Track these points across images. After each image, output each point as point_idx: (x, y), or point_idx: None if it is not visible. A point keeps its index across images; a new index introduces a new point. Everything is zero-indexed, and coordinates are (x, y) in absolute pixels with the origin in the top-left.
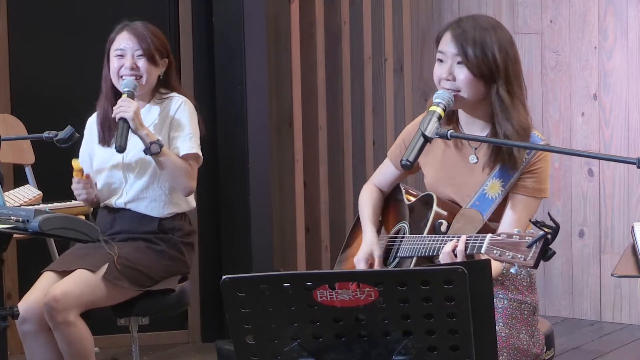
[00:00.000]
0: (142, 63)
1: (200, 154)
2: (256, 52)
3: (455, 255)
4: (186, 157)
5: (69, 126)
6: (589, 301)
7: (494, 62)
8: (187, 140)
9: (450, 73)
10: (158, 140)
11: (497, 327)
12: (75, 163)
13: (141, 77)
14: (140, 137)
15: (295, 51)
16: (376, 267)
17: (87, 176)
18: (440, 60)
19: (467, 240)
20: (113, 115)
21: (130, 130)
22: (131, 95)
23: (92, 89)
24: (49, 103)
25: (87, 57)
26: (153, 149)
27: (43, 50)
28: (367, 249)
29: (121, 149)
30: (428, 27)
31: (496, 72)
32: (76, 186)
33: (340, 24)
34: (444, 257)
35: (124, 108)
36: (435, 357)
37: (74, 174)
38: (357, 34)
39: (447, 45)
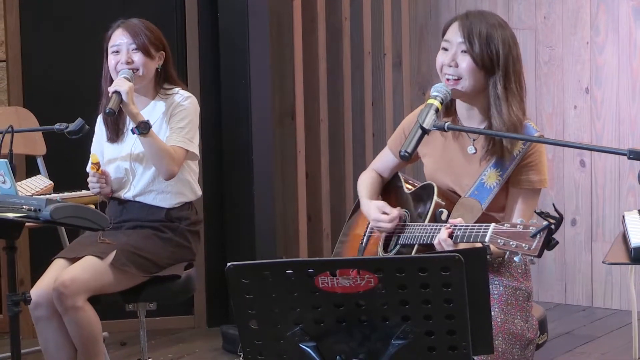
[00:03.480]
0: (137, 57)
1: (192, 149)
2: (260, 47)
3: (450, 237)
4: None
5: (79, 118)
6: (581, 287)
7: (495, 54)
8: (177, 134)
9: (454, 60)
10: (147, 121)
11: (492, 313)
12: (93, 157)
13: (137, 69)
14: (131, 114)
15: (298, 46)
16: (391, 212)
17: (103, 171)
18: (445, 49)
19: (454, 227)
20: (108, 90)
21: (121, 104)
22: (127, 79)
23: (102, 82)
24: (60, 96)
25: (97, 51)
26: (142, 128)
27: (54, 45)
28: (373, 207)
29: (111, 112)
30: (426, 23)
31: (496, 65)
32: (91, 179)
33: (341, 20)
34: (437, 247)
35: (119, 83)
36: (433, 341)
37: (90, 166)
38: (357, 30)
39: (454, 35)
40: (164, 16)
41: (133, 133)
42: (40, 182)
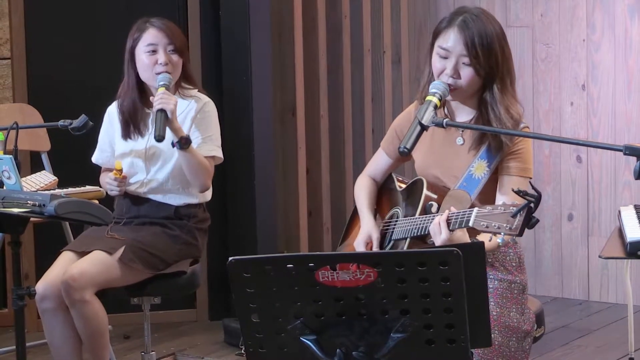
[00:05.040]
0: (175, 58)
1: (220, 154)
2: (261, 45)
3: (440, 225)
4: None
5: (83, 115)
6: (578, 281)
7: (496, 63)
8: (208, 143)
9: (456, 71)
10: (188, 136)
11: None
12: (117, 164)
13: (172, 72)
14: (173, 130)
15: (298, 43)
16: (374, 249)
17: (125, 176)
18: (443, 57)
19: (451, 215)
20: (155, 108)
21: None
22: (167, 89)
23: (105, 79)
24: (64, 93)
25: (100, 49)
26: (183, 143)
27: (58, 43)
28: (365, 233)
29: (161, 138)
30: (425, 21)
31: (496, 71)
32: (111, 182)
33: (341, 18)
34: (433, 228)
35: (165, 100)
36: (432, 334)
37: (114, 172)
38: (357, 28)
39: (454, 44)
40: (166, 14)
41: (173, 147)
42: (44, 178)
